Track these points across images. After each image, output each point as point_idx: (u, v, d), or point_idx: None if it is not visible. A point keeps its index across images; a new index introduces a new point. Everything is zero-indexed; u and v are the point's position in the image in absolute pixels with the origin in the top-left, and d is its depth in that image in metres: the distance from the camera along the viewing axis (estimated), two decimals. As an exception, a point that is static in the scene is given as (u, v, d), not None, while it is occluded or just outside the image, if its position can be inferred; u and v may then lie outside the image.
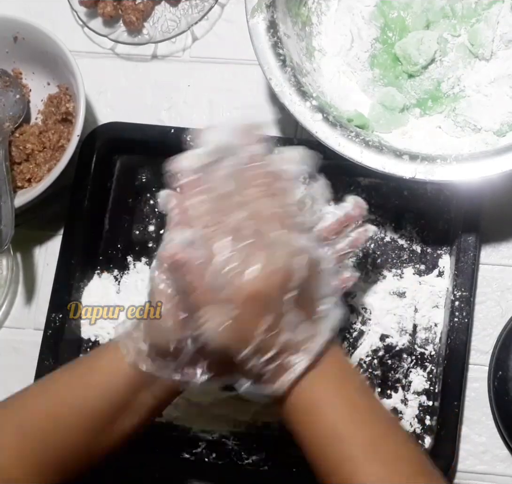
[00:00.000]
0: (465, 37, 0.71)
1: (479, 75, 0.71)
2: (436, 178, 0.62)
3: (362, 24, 0.73)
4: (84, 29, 0.81)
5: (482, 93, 0.71)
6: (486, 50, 0.71)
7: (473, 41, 0.70)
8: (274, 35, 0.66)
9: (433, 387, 0.69)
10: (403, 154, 0.63)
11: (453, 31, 0.71)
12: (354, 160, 0.63)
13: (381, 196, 0.73)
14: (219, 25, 0.81)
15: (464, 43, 0.71)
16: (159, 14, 0.81)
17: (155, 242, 0.75)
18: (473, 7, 0.71)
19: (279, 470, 0.67)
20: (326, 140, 0.64)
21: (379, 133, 0.70)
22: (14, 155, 0.77)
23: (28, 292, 0.77)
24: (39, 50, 0.76)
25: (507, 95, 0.70)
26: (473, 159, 0.63)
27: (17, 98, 0.78)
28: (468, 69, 0.71)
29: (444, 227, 0.71)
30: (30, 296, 0.76)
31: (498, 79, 0.71)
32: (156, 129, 0.75)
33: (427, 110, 0.71)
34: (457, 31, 0.71)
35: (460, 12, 0.71)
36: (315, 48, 0.73)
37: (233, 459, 0.67)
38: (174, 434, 0.69)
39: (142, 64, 0.81)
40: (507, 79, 0.70)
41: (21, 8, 0.82)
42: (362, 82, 0.73)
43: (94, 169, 0.74)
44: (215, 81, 0.79)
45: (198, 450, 0.68)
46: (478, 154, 0.63)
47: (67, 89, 0.77)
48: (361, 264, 0.72)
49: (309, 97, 0.65)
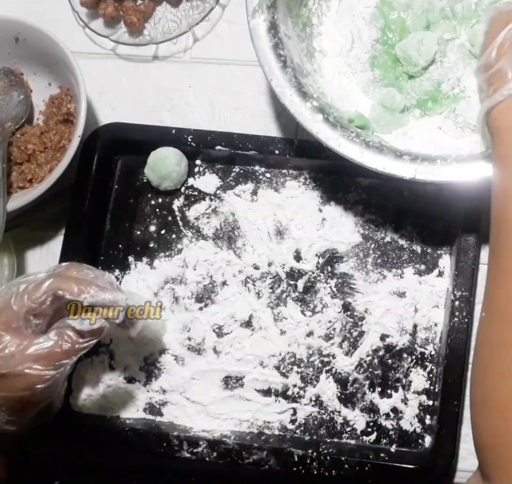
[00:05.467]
0: (465, 38, 0.72)
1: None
2: (436, 179, 0.63)
3: (362, 25, 0.73)
4: (85, 30, 0.81)
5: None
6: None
7: (473, 42, 0.70)
8: (275, 36, 0.67)
9: (433, 386, 0.69)
10: (404, 155, 0.63)
11: (453, 32, 0.72)
12: (355, 160, 0.64)
13: (382, 196, 0.73)
14: (220, 26, 0.81)
15: (464, 44, 0.71)
16: (160, 15, 0.81)
17: (156, 242, 0.75)
18: (473, 8, 0.71)
19: (280, 469, 0.67)
20: (327, 140, 0.64)
21: (380, 134, 0.70)
22: (15, 155, 0.77)
23: (30, 292, 0.77)
24: (40, 51, 0.76)
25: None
26: (473, 159, 0.63)
27: (21, 98, 0.78)
28: (468, 69, 0.71)
29: (444, 227, 0.72)
30: (32, 296, 0.76)
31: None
32: (157, 129, 0.76)
33: (427, 110, 0.71)
34: (457, 32, 0.72)
35: (460, 13, 0.71)
36: (316, 49, 0.73)
37: (233, 458, 0.67)
38: (174, 434, 0.69)
39: (143, 65, 0.81)
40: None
41: (23, 9, 0.82)
42: (362, 83, 0.73)
43: (95, 169, 0.75)
44: (216, 82, 0.79)
45: (199, 450, 0.68)
46: (478, 155, 0.63)
47: (68, 90, 0.77)
48: (361, 264, 0.72)
49: (309, 98, 0.65)
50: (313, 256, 0.72)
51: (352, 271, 0.72)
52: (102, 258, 0.75)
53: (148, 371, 0.72)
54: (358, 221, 0.73)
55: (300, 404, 0.70)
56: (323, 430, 0.70)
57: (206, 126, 0.77)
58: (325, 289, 0.72)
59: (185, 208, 0.76)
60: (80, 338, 0.58)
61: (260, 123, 0.78)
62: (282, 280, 0.72)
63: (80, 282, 0.58)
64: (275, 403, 0.70)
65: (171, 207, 0.76)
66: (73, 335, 0.57)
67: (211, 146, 0.74)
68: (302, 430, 0.70)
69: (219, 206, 0.75)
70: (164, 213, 0.76)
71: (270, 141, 0.73)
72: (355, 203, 0.73)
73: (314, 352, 0.71)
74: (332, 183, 0.74)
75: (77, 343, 0.57)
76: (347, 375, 0.70)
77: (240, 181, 0.75)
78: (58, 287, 0.57)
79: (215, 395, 0.70)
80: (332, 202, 0.74)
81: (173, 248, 0.75)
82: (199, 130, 0.75)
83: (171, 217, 0.76)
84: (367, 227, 0.73)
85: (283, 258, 0.73)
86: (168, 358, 0.72)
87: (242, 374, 0.71)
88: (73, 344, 0.57)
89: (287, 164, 0.74)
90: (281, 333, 0.71)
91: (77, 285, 0.58)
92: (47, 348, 0.57)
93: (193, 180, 0.76)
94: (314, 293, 0.72)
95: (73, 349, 0.57)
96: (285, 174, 0.75)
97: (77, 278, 0.58)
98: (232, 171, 0.76)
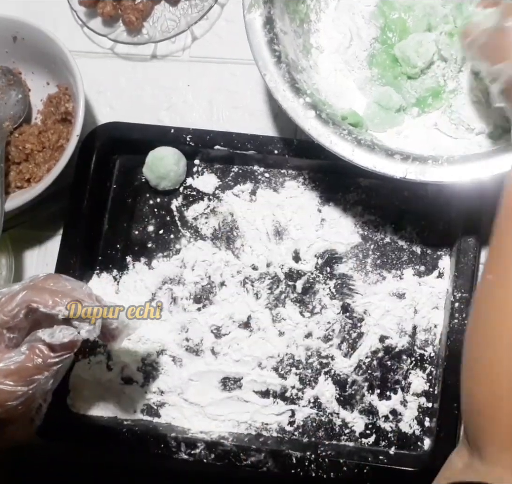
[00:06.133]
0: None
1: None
2: (427, 179, 0.62)
3: (361, 23, 0.73)
4: (83, 29, 0.81)
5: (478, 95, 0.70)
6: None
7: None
8: (271, 31, 0.66)
9: (433, 388, 0.68)
10: (395, 154, 0.63)
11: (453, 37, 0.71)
12: (346, 158, 0.63)
13: (381, 197, 0.72)
14: (218, 25, 0.80)
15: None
16: (159, 14, 0.81)
17: (154, 242, 0.75)
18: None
19: (278, 471, 0.67)
20: (318, 137, 0.64)
21: (373, 132, 0.70)
22: (13, 155, 0.77)
23: (28, 292, 0.76)
24: (38, 50, 0.76)
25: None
26: (464, 161, 0.62)
27: (19, 98, 0.78)
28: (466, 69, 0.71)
29: (444, 228, 0.71)
30: (30, 296, 0.76)
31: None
32: (155, 129, 0.75)
33: (426, 107, 0.71)
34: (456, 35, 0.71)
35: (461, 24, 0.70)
36: (313, 45, 0.73)
37: (231, 460, 0.67)
38: (172, 435, 0.69)
39: (142, 63, 0.81)
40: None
41: (21, 8, 0.82)
42: (359, 80, 0.73)
43: (94, 169, 0.74)
44: (214, 81, 0.79)
45: (197, 451, 0.68)
46: (470, 156, 0.62)
47: (67, 89, 0.77)
48: (361, 264, 0.72)
49: (302, 94, 0.65)
50: (312, 256, 0.72)
51: (351, 272, 0.72)
52: (100, 258, 0.75)
53: (146, 372, 0.72)
54: (357, 221, 0.72)
55: (299, 405, 0.70)
56: (322, 432, 0.69)
57: (204, 125, 0.76)
58: (324, 290, 0.71)
59: (184, 208, 0.75)
60: (52, 353, 0.54)
61: (258, 122, 0.77)
62: (280, 281, 0.72)
63: (56, 294, 0.54)
64: (273, 405, 0.70)
65: (169, 207, 0.75)
66: (44, 349, 0.53)
67: (210, 145, 0.74)
68: (301, 432, 0.69)
69: (217, 206, 0.75)
70: (162, 213, 0.76)
71: (269, 141, 0.73)
72: (355, 203, 0.73)
73: (312, 354, 0.70)
74: (332, 183, 0.74)
75: (49, 358, 0.53)
76: (346, 377, 0.70)
77: (239, 181, 0.75)
78: (31, 300, 0.54)
79: (213, 396, 0.70)
80: (331, 203, 0.73)
81: (171, 248, 0.74)
82: (198, 130, 0.74)
83: (170, 217, 0.75)
84: (367, 227, 0.72)
85: (282, 259, 0.72)
86: (166, 359, 0.72)
87: (240, 376, 0.70)
88: (45, 358, 0.53)
89: (286, 164, 0.74)
90: (280, 334, 0.71)
91: (52, 297, 0.54)
92: (18, 362, 0.53)
93: (191, 179, 0.75)
94: (313, 294, 0.71)
95: (44, 364, 0.53)
96: (284, 174, 0.74)
97: (52, 290, 0.55)
98: (231, 171, 0.75)
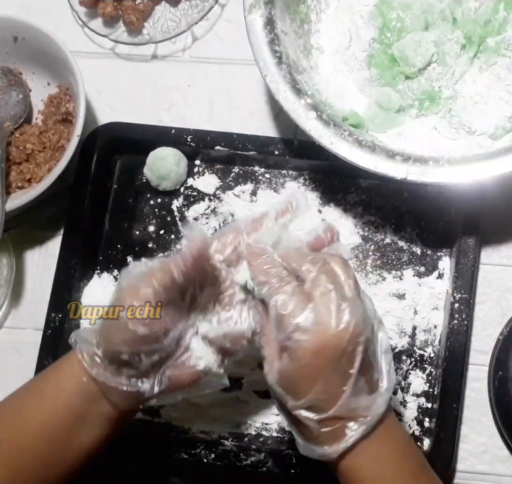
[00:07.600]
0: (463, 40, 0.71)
1: (475, 79, 0.71)
2: (428, 180, 0.62)
3: (361, 24, 0.73)
4: (84, 29, 0.81)
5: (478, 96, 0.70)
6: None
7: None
8: (271, 31, 0.66)
9: (432, 389, 0.68)
10: (396, 155, 0.63)
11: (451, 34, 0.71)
12: (346, 159, 0.63)
13: (381, 197, 0.73)
14: (219, 26, 0.81)
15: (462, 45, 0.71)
16: (159, 14, 0.81)
17: (155, 242, 0.75)
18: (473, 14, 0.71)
19: (278, 471, 0.67)
20: (319, 138, 0.64)
21: (374, 133, 0.70)
22: (14, 155, 0.77)
23: (28, 292, 0.77)
24: (39, 50, 0.76)
25: (502, 99, 0.70)
26: (465, 162, 0.62)
27: (20, 98, 0.78)
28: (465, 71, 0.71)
29: (444, 229, 0.71)
30: (30, 296, 0.76)
31: (493, 83, 0.71)
32: (156, 129, 0.75)
33: (423, 110, 0.71)
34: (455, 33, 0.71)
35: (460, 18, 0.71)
36: (313, 46, 0.73)
37: (231, 460, 0.67)
38: (172, 435, 0.69)
39: (142, 64, 0.81)
40: (503, 83, 0.70)
41: (21, 8, 0.82)
42: (358, 81, 0.73)
43: (94, 169, 0.74)
44: (215, 81, 0.79)
45: (197, 451, 0.68)
46: (471, 157, 0.63)
47: (67, 89, 0.77)
48: (361, 265, 0.72)
49: (303, 94, 0.65)
50: (312, 257, 0.72)
51: (352, 272, 0.72)
52: (100, 258, 0.75)
53: (147, 372, 0.72)
54: (357, 222, 0.73)
55: (299, 405, 0.70)
56: (322, 432, 0.69)
57: (205, 125, 0.76)
58: (324, 290, 0.71)
59: (184, 208, 0.75)
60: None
61: (259, 122, 0.77)
62: (281, 281, 0.72)
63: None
64: (273, 405, 0.70)
65: (170, 207, 0.75)
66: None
67: (211, 146, 0.74)
68: (301, 431, 0.70)
69: (218, 206, 0.75)
70: (163, 213, 0.76)
71: (270, 142, 0.73)
72: (355, 204, 0.73)
73: (313, 354, 0.70)
74: (332, 184, 0.74)
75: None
76: (346, 377, 0.70)
77: (240, 181, 0.75)
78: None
79: (213, 397, 0.70)
80: (331, 203, 0.73)
81: (172, 249, 0.74)
82: (199, 130, 0.74)
83: (170, 217, 0.75)
84: (367, 228, 0.72)
85: (282, 259, 0.72)
86: (167, 359, 0.72)
87: (241, 376, 0.71)
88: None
89: (287, 164, 0.74)
90: (280, 334, 0.71)
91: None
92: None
93: (192, 180, 0.76)
94: (313, 294, 0.71)
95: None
96: (284, 174, 0.75)
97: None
98: (232, 171, 0.75)
